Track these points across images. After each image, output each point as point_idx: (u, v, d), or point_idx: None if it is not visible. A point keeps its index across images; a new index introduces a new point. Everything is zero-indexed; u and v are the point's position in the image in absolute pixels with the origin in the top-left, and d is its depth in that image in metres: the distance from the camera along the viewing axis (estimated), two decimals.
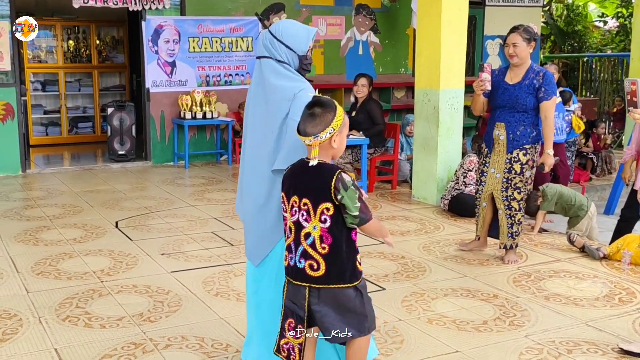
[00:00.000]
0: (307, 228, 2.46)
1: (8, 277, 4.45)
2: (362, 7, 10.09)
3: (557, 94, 4.67)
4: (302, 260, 2.48)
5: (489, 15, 10.98)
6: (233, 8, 9.22)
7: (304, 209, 2.46)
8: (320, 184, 2.41)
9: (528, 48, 4.52)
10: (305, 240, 2.47)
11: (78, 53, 11.31)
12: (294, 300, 2.53)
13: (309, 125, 2.44)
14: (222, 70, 9.30)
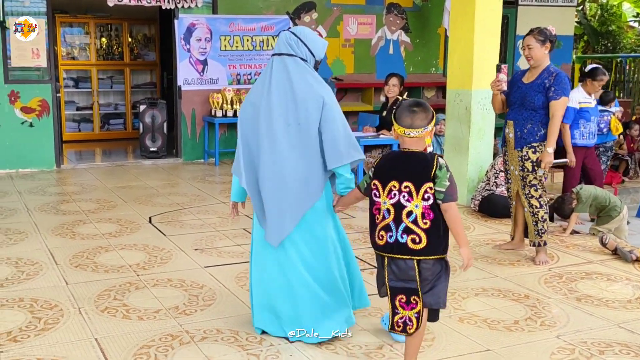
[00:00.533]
0: (409, 207, 2.83)
1: (48, 269, 4.57)
2: (394, 6, 10.11)
3: (568, 95, 4.68)
4: (405, 235, 2.84)
5: (521, 14, 10.91)
6: (264, 7, 9.30)
7: (405, 191, 2.85)
8: (423, 167, 2.82)
9: (543, 49, 4.60)
10: (407, 218, 2.83)
11: (110, 50, 11.49)
12: (400, 277, 2.88)
13: (417, 120, 2.87)
14: (253, 69, 9.39)
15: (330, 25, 9.75)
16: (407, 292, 2.88)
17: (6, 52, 8.04)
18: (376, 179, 2.95)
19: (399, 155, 2.94)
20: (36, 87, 8.26)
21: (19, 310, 3.84)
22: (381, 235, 2.92)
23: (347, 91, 9.93)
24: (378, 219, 2.94)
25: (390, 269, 2.91)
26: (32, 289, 4.20)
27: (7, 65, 8.08)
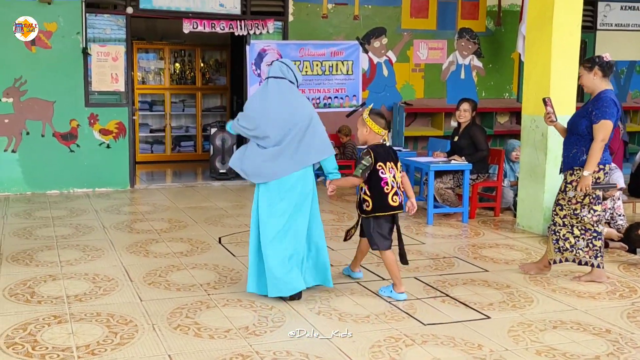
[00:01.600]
0: (398, 178, 4.45)
1: (123, 286, 4.68)
2: (466, 30, 10.03)
3: (609, 119, 4.57)
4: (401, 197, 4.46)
5: (600, 39, 10.64)
6: (334, 33, 9.40)
7: (394, 169, 4.44)
8: (394, 153, 4.51)
9: (591, 76, 4.71)
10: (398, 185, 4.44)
11: (183, 75, 11.83)
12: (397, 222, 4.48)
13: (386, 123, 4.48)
14: (322, 93, 9.46)
15: (400, 50, 9.75)
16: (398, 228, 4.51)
17: (87, 77, 8.38)
18: (380, 162, 4.36)
19: (382, 146, 4.45)
20: (114, 110, 8.55)
21: (97, 324, 3.94)
22: (394, 199, 4.39)
23: (417, 116, 9.86)
24: (387, 189, 4.37)
25: (397, 222, 4.47)
26: (109, 304, 4.30)
27: (88, 89, 8.42)
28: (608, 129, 4.60)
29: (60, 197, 8.05)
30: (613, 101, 4.62)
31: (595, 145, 4.60)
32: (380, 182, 4.32)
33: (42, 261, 5.26)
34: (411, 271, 5.15)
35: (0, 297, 4.39)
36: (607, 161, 4.73)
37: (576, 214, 4.82)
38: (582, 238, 4.87)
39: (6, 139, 8.12)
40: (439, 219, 6.98)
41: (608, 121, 4.59)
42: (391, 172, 4.37)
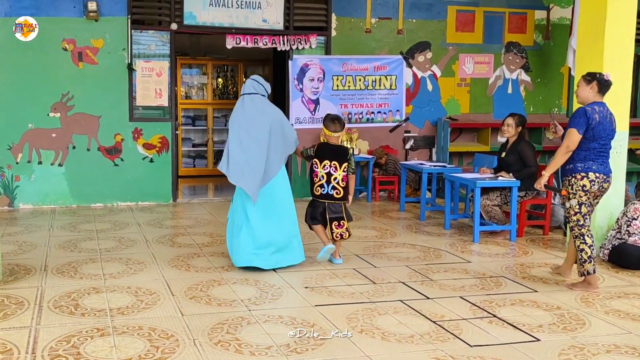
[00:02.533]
0: (335, 175, 5.52)
1: (164, 300, 4.66)
2: (513, 44, 9.86)
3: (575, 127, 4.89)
4: (332, 190, 5.54)
5: None
6: (377, 47, 9.34)
7: (333, 166, 5.52)
8: (343, 154, 5.54)
9: (587, 88, 4.99)
10: (334, 181, 5.52)
11: (226, 90, 11.92)
12: (334, 211, 5.59)
13: (337, 127, 5.55)
14: (365, 108, 9.40)
15: (445, 64, 9.63)
16: (338, 219, 5.60)
17: (132, 92, 8.50)
18: (316, 158, 5.57)
19: (328, 146, 5.59)
20: (157, 124, 8.64)
21: (139, 338, 3.92)
22: (317, 189, 5.59)
23: (462, 131, 9.70)
24: (315, 180, 5.58)
25: (329, 209, 5.58)
26: (150, 318, 4.28)
27: (133, 104, 8.53)
28: (571, 136, 4.90)
29: (104, 210, 8.15)
30: (584, 111, 4.89)
31: (559, 150, 5.01)
32: (312, 173, 5.63)
33: (86, 274, 5.29)
34: (457, 290, 5.01)
35: (45, 308, 4.43)
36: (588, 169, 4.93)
37: (580, 224, 5.01)
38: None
39: (53, 153, 8.28)
40: (485, 237, 6.80)
41: (573, 129, 4.89)
42: (325, 168, 5.54)
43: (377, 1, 9.27)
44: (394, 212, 8.33)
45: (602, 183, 4.96)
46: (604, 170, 4.95)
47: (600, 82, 4.96)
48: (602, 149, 4.95)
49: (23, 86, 8.08)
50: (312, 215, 5.67)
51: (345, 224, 5.58)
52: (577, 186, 4.94)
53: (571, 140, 4.90)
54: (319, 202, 5.60)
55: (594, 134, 4.88)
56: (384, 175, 9.12)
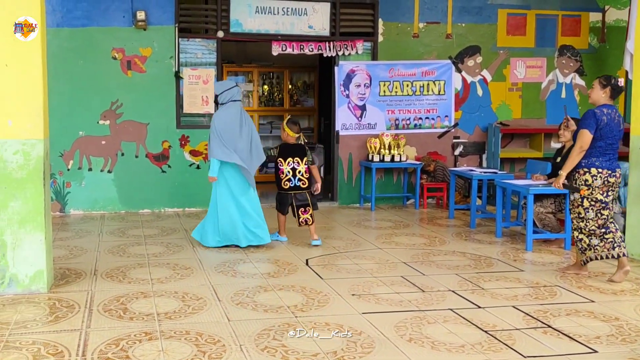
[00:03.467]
0: (299, 168, 6.47)
1: (211, 305, 4.64)
2: (567, 48, 9.59)
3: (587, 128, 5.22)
4: (298, 182, 6.48)
5: None
6: (425, 52, 9.21)
7: (296, 161, 6.47)
8: (302, 151, 6.50)
9: (601, 92, 5.30)
10: (299, 174, 6.45)
11: (271, 97, 11.96)
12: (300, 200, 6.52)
13: (298, 129, 6.56)
14: (412, 114, 9.27)
15: (495, 69, 9.43)
16: (304, 206, 6.52)
17: (179, 99, 8.58)
18: (281, 157, 6.51)
19: (290, 146, 6.53)
20: (204, 132, 8.67)
21: (186, 342, 3.91)
22: (285, 184, 6.48)
23: (514, 137, 9.47)
24: (282, 177, 6.49)
25: (296, 198, 6.50)
26: (197, 323, 4.27)
27: (180, 112, 8.61)
28: (583, 136, 5.23)
29: (152, 216, 8.24)
30: (594, 113, 5.22)
31: (572, 151, 5.34)
32: (278, 171, 6.52)
33: (134, 278, 5.33)
34: (509, 299, 4.85)
35: (95, 312, 4.47)
36: (591, 165, 5.27)
37: (581, 217, 5.36)
38: (595, 236, 5.35)
39: (103, 160, 8.41)
40: (538, 245, 6.59)
41: (584, 130, 5.23)
42: (290, 165, 6.47)
43: (425, 6, 9.15)
44: (443, 219, 8.16)
45: (606, 178, 5.26)
46: (608, 166, 5.27)
47: (614, 87, 5.29)
48: (608, 147, 5.27)
49: (74, 95, 8.24)
50: (282, 206, 6.66)
51: (310, 210, 6.52)
52: (580, 181, 5.34)
53: (584, 141, 5.24)
54: (287, 194, 6.54)
55: (601, 134, 5.22)
56: (432, 181, 8.96)
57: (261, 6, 8.66)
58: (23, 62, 4.81)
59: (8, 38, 4.75)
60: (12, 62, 4.79)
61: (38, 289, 4.88)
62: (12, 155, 4.81)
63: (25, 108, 4.84)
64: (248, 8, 8.61)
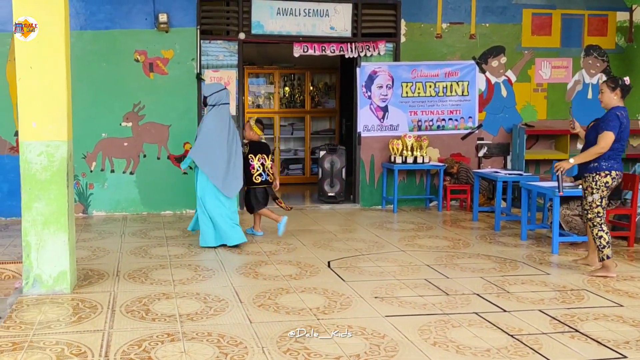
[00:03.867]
0: (266, 164, 7.00)
1: (233, 307, 4.62)
2: (593, 48, 9.44)
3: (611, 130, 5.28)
4: (267, 176, 6.98)
5: None
6: (449, 53, 9.12)
7: (263, 158, 6.98)
8: (268, 148, 7.14)
9: (612, 95, 5.37)
10: (267, 169, 6.98)
11: (292, 99, 11.94)
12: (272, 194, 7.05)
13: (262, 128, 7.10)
14: (435, 115, 9.18)
15: (520, 69, 9.30)
16: (275, 197, 7.09)
17: (200, 101, 8.58)
18: (251, 154, 6.92)
19: (258, 143, 7.02)
20: None
21: (208, 344, 3.89)
22: (257, 178, 6.90)
23: (539, 138, 9.34)
24: (253, 172, 6.89)
25: (269, 192, 7.00)
26: (219, 324, 4.25)
27: (201, 113, 8.61)
28: (607, 138, 5.29)
29: (173, 218, 8.25)
30: (617, 116, 5.30)
31: (593, 148, 5.37)
32: (249, 167, 6.88)
33: (156, 279, 5.33)
34: (535, 303, 4.76)
35: (118, 313, 4.46)
36: (611, 168, 5.37)
37: (600, 215, 5.43)
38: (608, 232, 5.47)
39: (125, 161, 8.45)
40: (564, 248, 6.47)
41: (609, 132, 5.29)
42: (260, 160, 6.94)
43: (448, 6, 9.06)
44: (467, 221, 8.06)
45: (618, 179, 5.46)
46: (620, 168, 5.46)
47: (624, 88, 5.37)
48: (621, 149, 5.42)
49: (97, 97, 8.29)
50: (257, 202, 7.01)
51: (282, 202, 7.19)
52: (601, 182, 5.41)
53: (607, 142, 5.31)
54: (261, 189, 6.98)
55: (621, 136, 5.34)
56: (455, 183, 8.87)
57: (282, 7, 8.64)
58: (48, 64, 4.83)
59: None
60: (37, 64, 4.82)
61: (61, 289, 4.90)
62: (36, 157, 4.84)
63: (49, 110, 4.86)
64: (269, 9, 8.60)
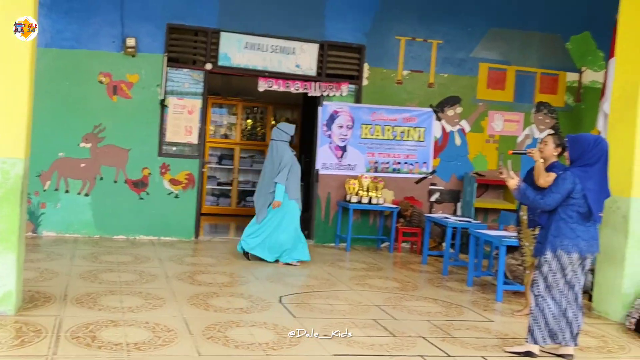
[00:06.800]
0: None
1: (182, 338, 4.61)
2: (544, 105, 9.87)
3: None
4: None
5: None
6: (408, 99, 9.40)
7: None
8: None
9: (554, 150, 5.64)
10: None
11: (254, 131, 12.03)
12: None
13: None
14: (392, 158, 9.40)
15: (474, 120, 9.64)
16: None
17: (162, 128, 8.60)
18: None
19: None
20: (185, 161, 8.71)
21: None
22: None
23: (489, 187, 9.65)
24: None
25: None
26: (167, 355, 4.24)
27: (162, 140, 8.63)
28: (550, 178, 5.28)
29: (126, 243, 8.17)
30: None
31: (539, 174, 5.56)
32: None
33: (105, 305, 5.27)
34: (478, 349, 4.90)
35: (62, 338, 4.40)
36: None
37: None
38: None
39: (81, 182, 8.36)
40: (509, 297, 6.66)
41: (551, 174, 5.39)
42: None
43: (410, 54, 9.37)
44: (416, 264, 8.23)
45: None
46: None
47: (564, 148, 5.50)
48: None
49: (57, 115, 8.22)
50: None
51: None
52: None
53: (548, 181, 5.37)
54: None
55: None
56: (408, 226, 9.05)
57: (250, 42, 8.79)
58: (11, 80, 4.82)
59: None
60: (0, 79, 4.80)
61: (5, 310, 4.80)
62: None
63: (8, 126, 4.83)
64: (238, 43, 8.74)
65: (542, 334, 4.68)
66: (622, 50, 6.28)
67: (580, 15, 9.76)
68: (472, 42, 9.55)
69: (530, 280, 5.45)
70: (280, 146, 7.43)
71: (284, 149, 7.43)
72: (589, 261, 4.70)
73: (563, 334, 4.67)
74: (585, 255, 4.62)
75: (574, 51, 9.92)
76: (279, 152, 7.40)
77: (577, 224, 4.59)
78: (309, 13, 8.98)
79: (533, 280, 4.80)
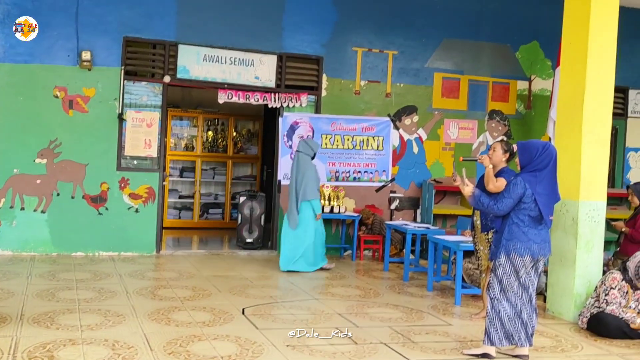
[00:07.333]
0: None
1: (143, 354, 4.59)
2: (496, 112, 10.12)
3: (505, 178, 5.61)
4: None
5: (631, 126, 10.70)
6: (366, 108, 9.52)
7: None
8: None
9: (502, 156, 5.83)
10: None
11: (215, 143, 12.02)
12: None
13: None
14: (352, 167, 9.51)
15: (430, 128, 9.82)
16: None
17: (121, 141, 8.54)
18: None
19: None
20: (145, 175, 8.66)
21: None
22: None
23: (446, 194, 9.83)
24: None
25: None
26: None
27: (121, 154, 8.56)
28: (500, 184, 5.56)
29: (85, 260, 8.07)
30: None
31: (489, 179, 5.67)
32: None
33: (62, 324, 5.21)
34: (437, 353, 4.99)
35: (19, 359, 4.33)
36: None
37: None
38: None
39: (37, 199, 8.24)
40: (467, 300, 6.80)
41: (502, 179, 5.60)
42: None
43: (366, 65, 9.51)
44: (378, 271, 8.33)
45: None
46: None
47: (512, 154, 5.71)
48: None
49: (11, 131, 8.10)
50: None
51: None
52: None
53: (498, 187, 5.61)
54: None
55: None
56: (369, 234, 9.15)
57: (209, 54, 8.80)
58: None
59: None
60: None
61: None
62: None
63: None
64: (196, 55, 8.75)
65: (499, 335, 4.80)
66: (566, 59, 6.49)
67: (529, 26, 10.05)
68: (427, 52, 9.74)
69: (486, 284, 5.58)
70: (305, 159, 7.95)
71: (307, 162, 7.98)
72: (542, 263, 4.84)
73: (518, 335, 4.79)
74: (538, 257, 4.75)
75: (523, 60, 10.20)
76: (303, 164, 7.95)
77: (529, 228, 4.72)
78: (267, 25, 9.04)
79: (489, 284, 4.92)
